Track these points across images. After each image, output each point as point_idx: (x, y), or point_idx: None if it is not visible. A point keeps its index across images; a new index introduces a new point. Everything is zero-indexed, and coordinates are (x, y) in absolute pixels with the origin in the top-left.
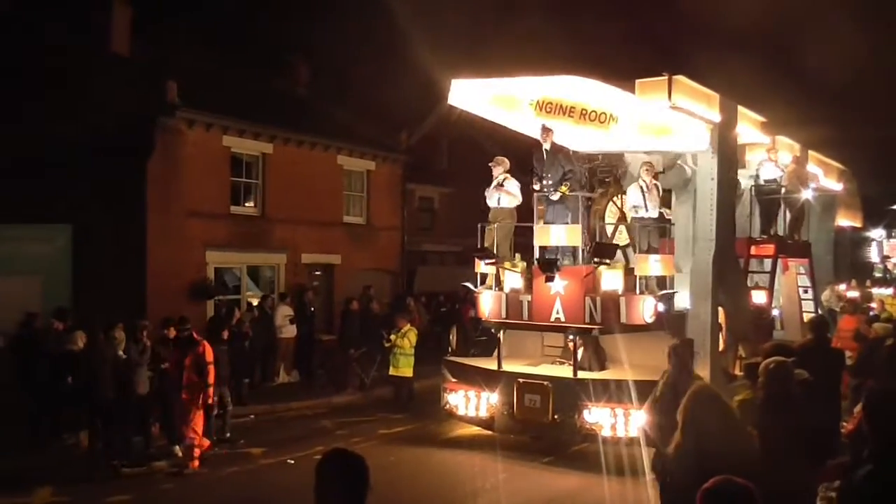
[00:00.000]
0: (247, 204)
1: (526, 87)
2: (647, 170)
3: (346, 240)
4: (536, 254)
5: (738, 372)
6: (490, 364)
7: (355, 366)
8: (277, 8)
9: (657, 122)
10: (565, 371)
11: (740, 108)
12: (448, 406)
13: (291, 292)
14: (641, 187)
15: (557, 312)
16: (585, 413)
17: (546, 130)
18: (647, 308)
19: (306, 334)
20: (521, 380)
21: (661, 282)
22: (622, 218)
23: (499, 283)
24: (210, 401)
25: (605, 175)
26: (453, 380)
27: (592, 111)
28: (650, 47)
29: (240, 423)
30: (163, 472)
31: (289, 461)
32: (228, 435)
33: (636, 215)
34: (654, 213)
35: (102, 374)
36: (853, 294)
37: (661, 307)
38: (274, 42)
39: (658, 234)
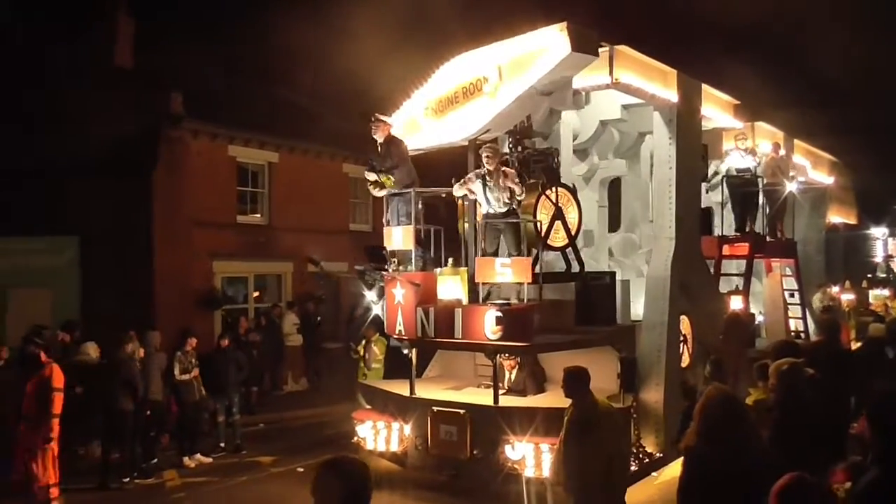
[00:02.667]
0: (253, 213)
1: (417, 101)
2: (488, 156)
3: (353, 247)
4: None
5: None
6: (403, 389)
7: None
8: (281, 16)
9: (521, 53)
10: (486, 398)
11: (706, 88)
12: (356, 438)
13: (298, 300)
14: (484, 177)
15: (399, 325)
16: (507, 448)
17: (376, 121)
18: (487, 322)
19: (311, 343)
20: (435, 408)
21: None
22: (557, 214)
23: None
24: (53, 434)
25: (538, 165)
26: (367, 406)
27: (469, 84)
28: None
29: (249, 431)
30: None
31: (298, 469)
32: (223, 444)
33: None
34: (496, 209)
35: (119, 385)
36: (848, 296)
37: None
38: (278, 50)
39: (512, 233)
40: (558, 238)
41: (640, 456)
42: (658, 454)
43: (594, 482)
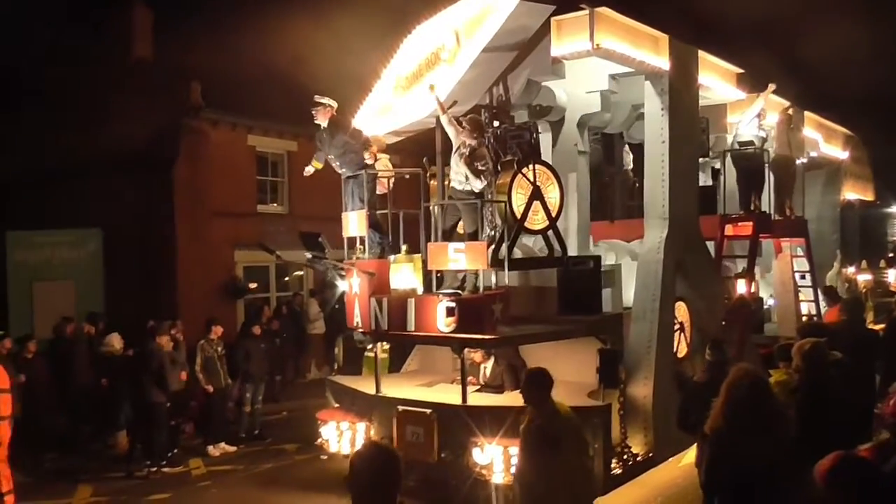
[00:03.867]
0: (273, 203)
1: (388, 81)
2: (465, 127)
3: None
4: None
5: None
6: (369, 387)
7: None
8: (299, 4)
9: (475, 13)
10: (454, 396)
11: (703, 55)
12: (320, 440)
13: (319, 289)
14: (459, 145)
15: (357, 317)
16: (476, 451)
17: (316, 106)
18: (440, 313)
19: (332, 331)
20: (401, 407)
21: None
22: (535, 194)
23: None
24: (7, 439)
25: (515, 141)
26: (335, 405)
27: (431, 54)
28: None
29: (273, 419)
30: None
31: (322, 456)
32: (257, 432)
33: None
34: (460, 186)
35: (150, 378)
36: (864, 277)
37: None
38: (294, 39)
39: (470, 216)
40: (537, 220)
41: (626, 457)
42: (647, 454)
43: (557, 499)
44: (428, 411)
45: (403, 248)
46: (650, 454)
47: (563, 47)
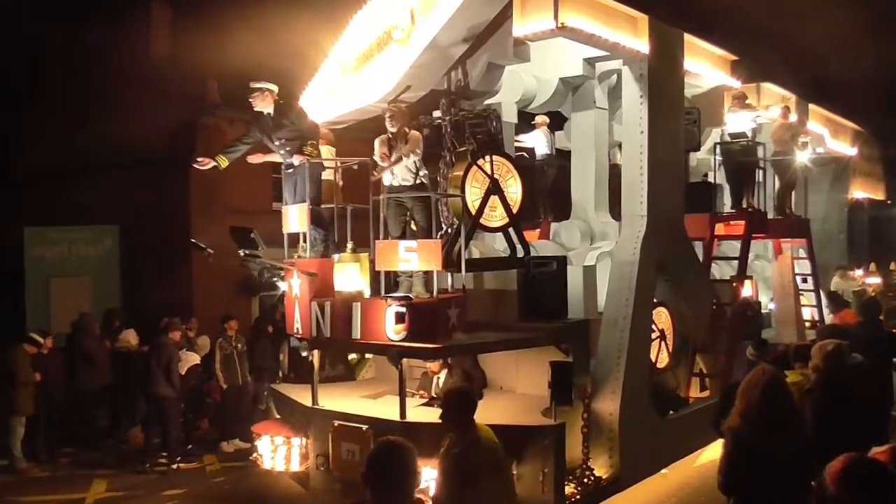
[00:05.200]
0: None
1: (336, 60)
2: (390, 115)
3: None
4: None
5: (693, 394)
6: (306, 398)
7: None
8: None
9: None
10: (392, 410)
11: (690, 39)
12: (254, 455)
13: None
14: (389, 141)
15: (297, 322)
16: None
17: (255, 91)
18: (388, 319)
19: None
20: (337, 422)
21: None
22: (493, 188)
23: None
24: None
25: (475, 130)
26: (277, 416)
27: (384, 34)
28: None
29: None
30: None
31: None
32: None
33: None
34: (401, 181)
35: (160, 371)
36: (873, 280)
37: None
38: (311, 39)
39: (421, 211)
40: (495, 216)
41: (587, 480)
42: (611, 477)
43: None
44: (364, 427)
45: (349, 246)
46: (616, 477)
47: (526, 26)
